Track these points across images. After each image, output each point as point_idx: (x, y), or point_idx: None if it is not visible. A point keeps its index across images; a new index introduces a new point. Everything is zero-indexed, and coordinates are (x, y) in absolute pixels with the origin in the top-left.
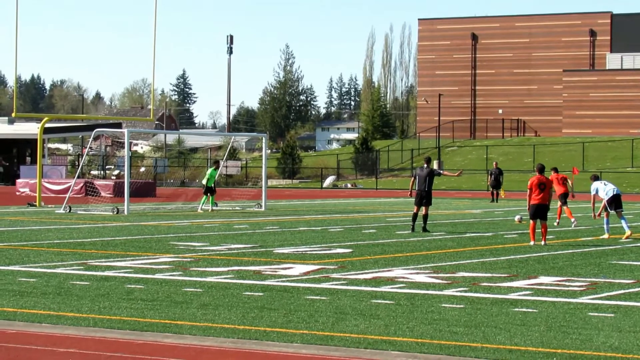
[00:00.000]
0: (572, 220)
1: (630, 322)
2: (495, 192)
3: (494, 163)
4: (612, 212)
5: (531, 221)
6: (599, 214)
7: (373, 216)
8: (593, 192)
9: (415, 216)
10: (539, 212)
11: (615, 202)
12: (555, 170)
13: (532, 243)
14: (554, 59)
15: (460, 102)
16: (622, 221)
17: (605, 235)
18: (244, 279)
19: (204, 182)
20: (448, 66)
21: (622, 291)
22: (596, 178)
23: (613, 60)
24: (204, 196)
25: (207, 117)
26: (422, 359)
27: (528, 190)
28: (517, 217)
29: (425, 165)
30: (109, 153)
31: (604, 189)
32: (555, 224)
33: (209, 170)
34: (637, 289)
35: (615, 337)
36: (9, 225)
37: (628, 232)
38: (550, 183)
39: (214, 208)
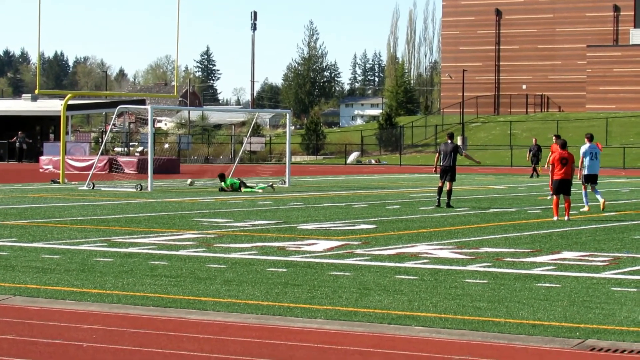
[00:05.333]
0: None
1: None
2: (535, 167)
3: (534, 139)
4: (589, 186)
5: (554, 196)
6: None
7: (397, 192)
8: (581, 153)
9: (440, 190)
10: (562, 187)
11: (589, 180)
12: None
13: (555, 218)
14: (577, 35)
15: (484, 78)
16: (596, 193)
17: (586, 208)
18: (268, 255)
19: None
20: (472, 42)
21: None
22: (591, 138)
23: (637, 36)
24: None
25: (231, 93)
26: (446, 334)
27: (550, 166)
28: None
29: (449, 141)
30: (133, 130)
31: (587, 161)
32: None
33: None
34: None
35: (638, 312)
36: (32, 202)
37: (602, 201)
38: (572, 158)
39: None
